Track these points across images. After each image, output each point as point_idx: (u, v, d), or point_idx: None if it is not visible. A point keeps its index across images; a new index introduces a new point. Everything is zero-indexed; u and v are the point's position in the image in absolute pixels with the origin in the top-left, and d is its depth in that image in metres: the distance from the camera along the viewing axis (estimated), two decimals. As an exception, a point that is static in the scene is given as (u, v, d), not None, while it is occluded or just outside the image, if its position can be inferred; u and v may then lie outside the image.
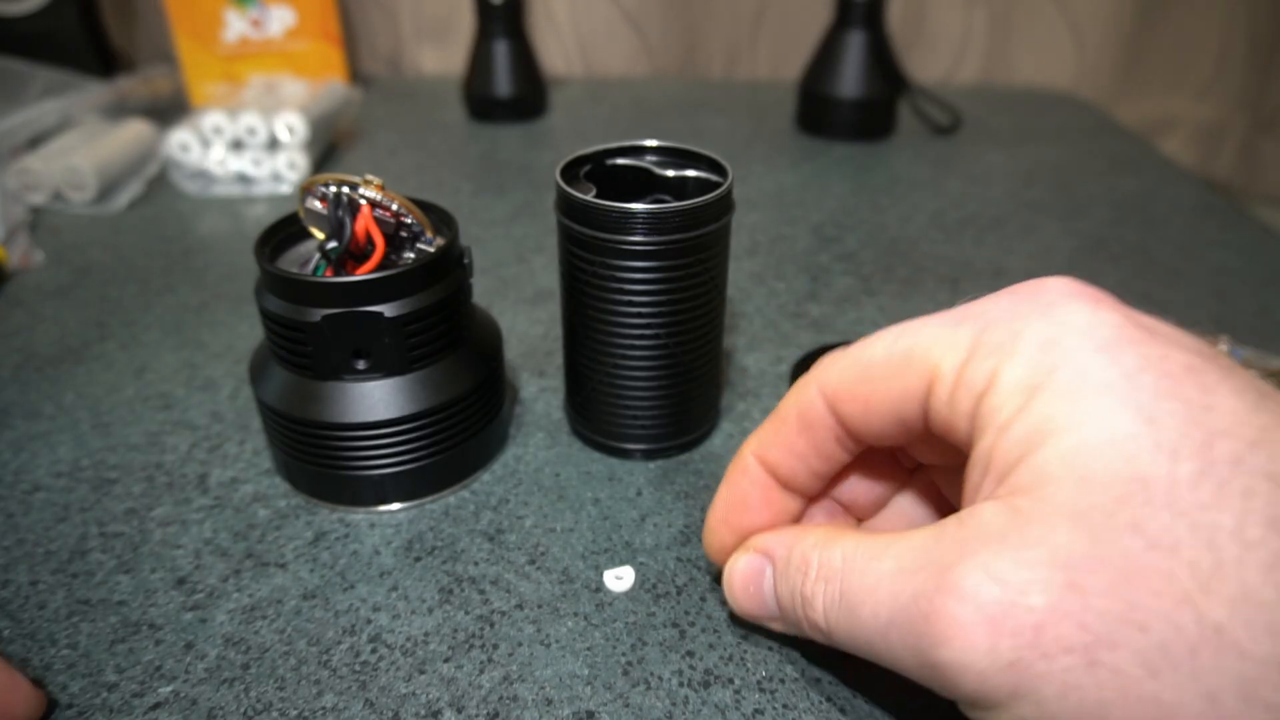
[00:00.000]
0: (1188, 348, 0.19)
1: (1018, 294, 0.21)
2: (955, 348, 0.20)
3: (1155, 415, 0.17)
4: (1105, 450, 0.17)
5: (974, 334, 0.20)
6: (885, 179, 0.65)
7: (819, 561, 0.23)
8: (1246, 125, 0.89)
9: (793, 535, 0.25)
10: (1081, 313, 0.19)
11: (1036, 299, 0.20)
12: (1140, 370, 0.18)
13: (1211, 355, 0.19)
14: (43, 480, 0.35)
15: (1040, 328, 0.19)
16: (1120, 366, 0.18)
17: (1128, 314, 0.20)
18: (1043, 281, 0.21)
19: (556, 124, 0.78)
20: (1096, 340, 0.19)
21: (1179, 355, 0.18)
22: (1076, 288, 0.20)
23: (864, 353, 0.23)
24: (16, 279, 0.51)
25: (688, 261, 0.31)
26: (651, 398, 0.34)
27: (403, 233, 0.32)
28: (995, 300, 0.21)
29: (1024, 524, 0.18)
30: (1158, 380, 0.18)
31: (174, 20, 0.74)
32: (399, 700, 0.26)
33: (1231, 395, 0.18)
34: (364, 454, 0.32)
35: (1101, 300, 0.20)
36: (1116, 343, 0.19)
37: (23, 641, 0.28)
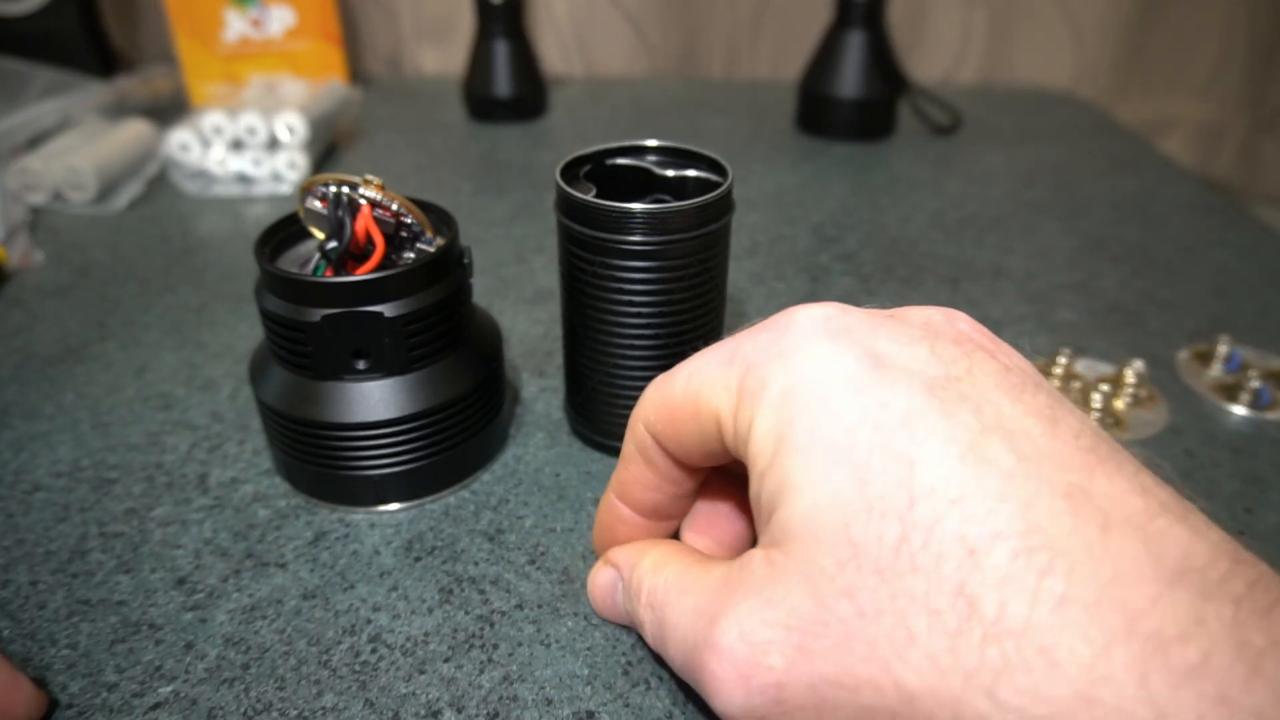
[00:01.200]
0: (916, 385, 0.19)
1: (772, 330, 0.21)
2: (728, 391, 0.21)
3: (867, 475, 0.18)
4: (828, 512, 0.18)
5: (739, 377, 0.21)
6: (885, 179, 0.65)
7: (647, 588, 0.24)
8: (1246, 125, 0.89)
9: (637, 552, 0.26)
10: (818, 357, 0.20)
11: (784, 338, 0.21)
12: (859, 423, 0.18)
13: (942, 386, 0.19)
14: (43, 480, 0.35)
15: (781, 375, 0.20)
16: (841, 421, 0.19)
17: (868, 347, 0.20)
18: (793, 314, 0.21)
19: (556, 124, 0.77)
20: (823, 391, 0.19)
21: (899, 401, 0.18)
22: (819, 322, 0.21)
23: (667, 390, 0.23)
24: (16, 279, 0.51)
25: (688, 261, 0.31)
26: (651, 398, 0.34)
27: (403, 233, 0.32)
28: (755, 336, 0.22)
29: (773, 581, 0.19)
30: (872, 434, 0.18)
31: (174, 20, 0.74)
32: (399, 700, 0.26)
33: (940, 445, 0.18)
34: (364, 454, 0.32)
35: (839, 337, 0.20)
36: (840, 392, 0.19)
37: (23, 641, 0.28)
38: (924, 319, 0.22)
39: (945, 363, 0.19)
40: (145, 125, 0.67)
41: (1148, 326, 0.46)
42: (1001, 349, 0.21)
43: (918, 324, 0.21)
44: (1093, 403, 0.38)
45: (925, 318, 0.22)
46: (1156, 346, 0.44)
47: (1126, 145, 0.72)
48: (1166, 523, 0.17)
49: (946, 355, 0.20)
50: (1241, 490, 0.34)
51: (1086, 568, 0.16)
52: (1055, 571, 0.16)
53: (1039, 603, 0.16)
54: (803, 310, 0.21)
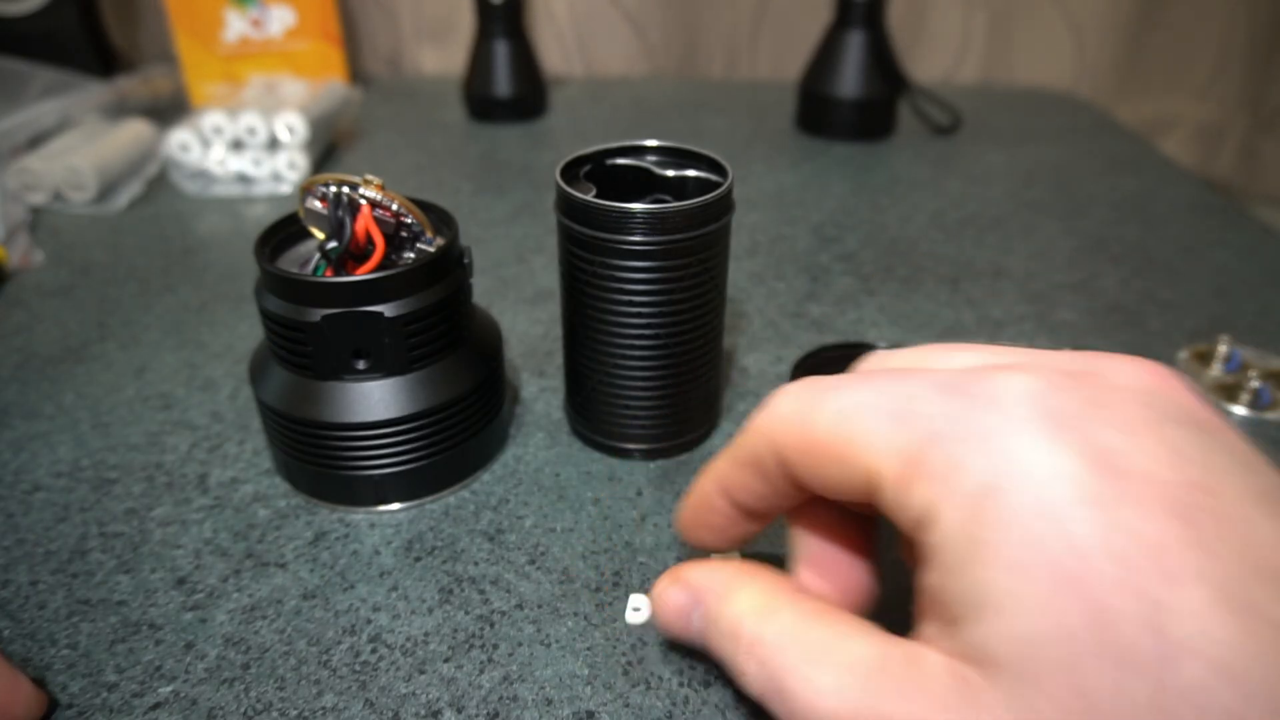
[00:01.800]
0: (1163, 503, 0.16)
1: (964, 396, 0.18)
2: (893, 455, 0.18)
3: (1106, 615, 0.15)
4: (1052, 649, 0.15)
5: (914, 445, 0.18)
6: (885, 179, 0.65)
7: (750, 636, 0.21)
8: (1246, 125, 0.89)
9: (725, 583, 0.23)
10: (1033, 451, 0.17)
11: (983, 413, 0.18)
12: (1097, 550, 0.15)
13: (1194, 504, 0.16)
14: (43, 480, 0.35)
15: (982, 463, 0.17)
16: (1072, 543, 0.16)
17: (1093, 441, 0.17)
18: (992, 381, 0.18)
19: (556, 124, 0.77)
20: (1049, 498, 0.16)
21: (1148, 526, 0.15)
22: (1031, 400, 0.17)
23: (809, 416, 0.20)
24: (16, 279, 0.51)
25: (688, 261, 0.31)
26: (651, 398, 0.34)
27: (403, 233, 0.32)
28: (938, 396, 0.18)
29: (972, 707, 0.16)
30: (1114, 567, 0.15)
31: (174, 20, 0.74)
32: (399, 700, 0.26)
33: (1203, 590, 0.15)
34: (364, 454, 0.32)
35: (1060, 425, 0.17)
36: (1072, 504, 0.16)
37: (23, 641, 0.28)
38: (1137, 387, 0.18)
39: (1186, 463, 0.16)
40: (145, 125, 0.67)
41: (1148, 326, 0.46)
42: (1223, 422, 0.18)
43: (1137, 399, 0.18)
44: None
45: (1137, 384, 0.18)
46: (1156, 346, 0.44)
47: (1126, 145, 0.72)
48: None
49: (1185, 451, 0.16)
50: (1241, 490, 0.34)
51: None
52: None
53: None
54: (1004, 379, 0.18)
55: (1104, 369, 0.19)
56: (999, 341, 0.44)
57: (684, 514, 0.26)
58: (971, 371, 0.19)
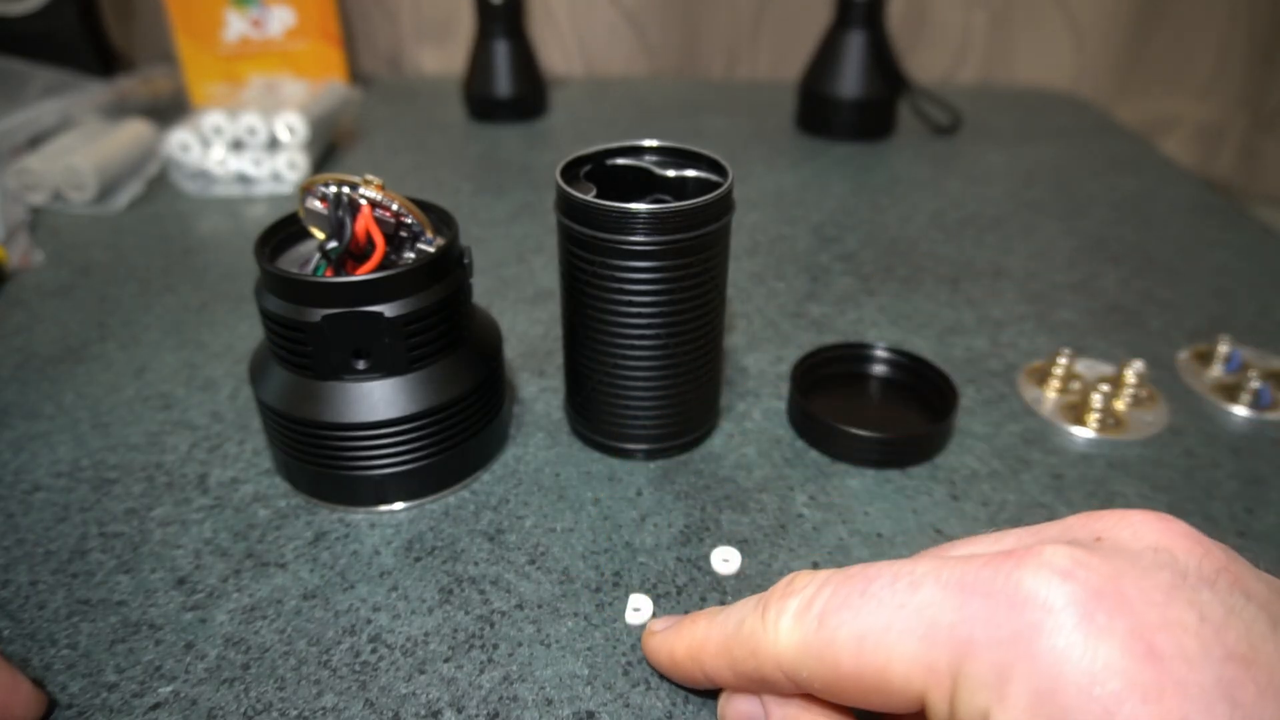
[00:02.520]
0: (1208, 690, 0.16)
1: (992, 600, 0.18)
2: (932, 671, 0.18)
3: None
4: None
5: (953, 662, 0.18)
6: (885, 179, 0.65)
7: None
8: (1246, 125, 0.89)
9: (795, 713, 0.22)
10: (1076, 651, 0.16)
11: (1019, 615, 0.17)
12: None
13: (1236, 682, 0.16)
14: (43, 480, 0.35)
15: (1029, 673, 0.17)
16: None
17: (1131, 634, 0.16)
18: (1020, 582, 0.18)
19: (556, 124, 0.77)
20: (1102, 699, 0.16)
21: (1197, 715, 0.16)
22: (1064, 596, 0.17)
23: (828, 655, 0.20)
24: (16, 279, 0.51)
25: (688, 261, 0.31)
26: (651, 398, 0.34)
27: (403, 233, 0.32)
28: (966, 608, 0.18)
29: None
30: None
31: (174, 20, 0.74)
32: (399, 700, 0.26)
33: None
34: (364, 454, 0.32)
35: (1095, 619, 0.17)
36: (1123, 701, 0.16)
37: (23, 641, 0.28)
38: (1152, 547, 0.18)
39: (1218, 632, 0.16)
40: (145, 125, 0.67)
41: (1148, 326, 0.46)
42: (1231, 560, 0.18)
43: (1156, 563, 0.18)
44: (1093, 403, 0.38)
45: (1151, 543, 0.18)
46: (1156, 346, 0.44)
47: (1126, 145, 0.72)
48: None
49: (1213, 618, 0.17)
50: (1241, 490, 0.34)
51: None
52: None
53: None
54: (1028, 575, 0.18)
55: (1113, 533, 0.19)
56: (999, 341, 0.44)
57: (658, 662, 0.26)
58: (986, 565, 0.18)
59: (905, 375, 0.40)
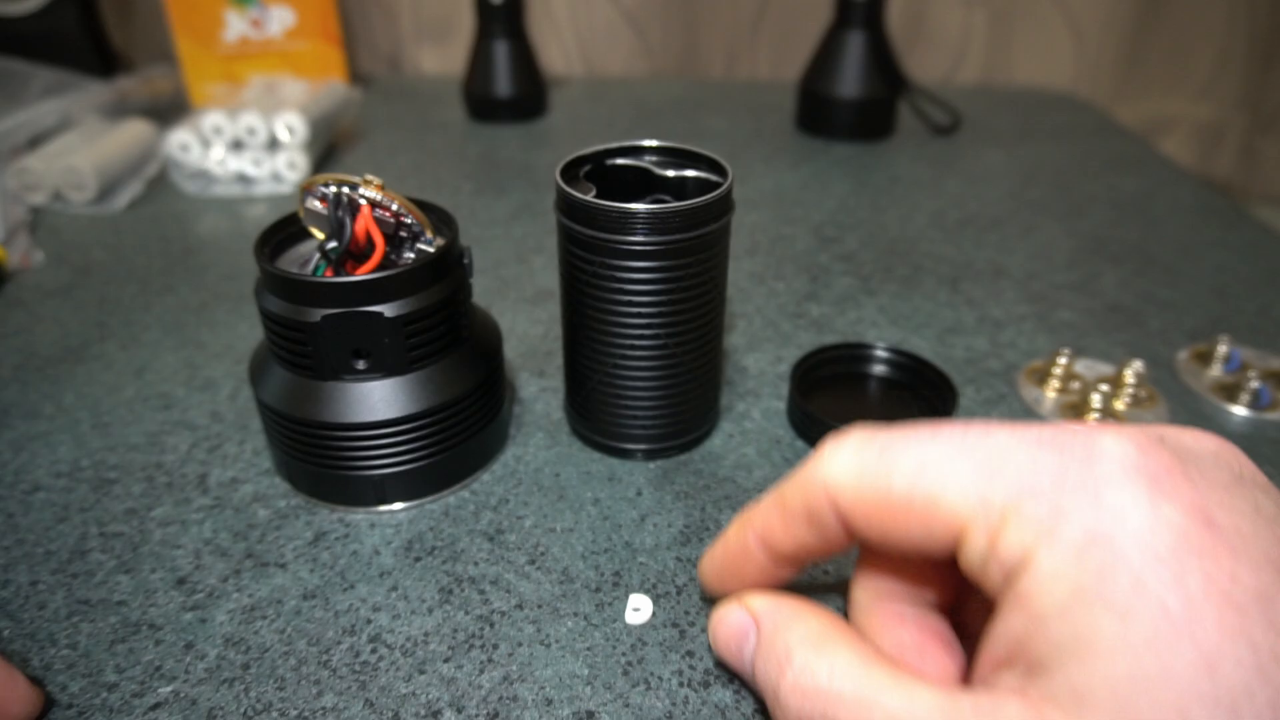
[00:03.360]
0: (1261, 557, 0.16)
1: (1064, 451, 0.18)
2: (986, 505, 0.18)
3: (1217, 660, 0.15)
4: (1157, 691, 0.15)
5: (1010, 496, 0.18)
6: (885, 179, 0.65)
7: (800, 664, 0.21)
8: (1246, 125, 0.89)
9: (785, 613, 0.23)
10: (1139, 503, 0.17)
11: (1088, 467, 0.18)
12: (1204, 596, 0.16)
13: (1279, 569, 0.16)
14: (43, 480, 0.35)
15: (1088, 514, 0.17)
16: (1182, 589, 0.16)
17: (1194, 500, 0.17)
18: (1095, 438, 0.18)
19: (556, 124, 0.77)
20: (1156, 548, 0.16)
21: (1248, 575, 0.16)
22: (1136, 458, 0.18)
23: (879, 475, 0.20)
24: (16, 279, 0.51)
25: (688, 261, 0.31)
26: (651, 398, 0.34)
27: (403, 233, 0.32)
28: (1035, 449, 0.18)
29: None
30: (1222, 613, 0.16)
31: (174, 20, 0.74)
32: (399, 700, 0.26)
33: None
34: (364, 454, 0.32)
35: (1162, 482, 0.17)
36: (1179, 554, 0.16)
37: (23, 641, 0.28)
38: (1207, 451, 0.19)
39: (1271, 521, 0.17)
40: (145, 125, 0.67)
41: (1148, 326, 0.46)
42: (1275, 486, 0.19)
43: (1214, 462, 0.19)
44: (1092, 403, 0.38)
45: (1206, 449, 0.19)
46: (1156, 346, 0.44)
47: (1126, 145, 0.72)
48: None
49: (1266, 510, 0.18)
50: (1241, 490, 0.34)
51: None
52: None
53: None
54: (1106, 437, 0.18)
55: (1175, 436, 0.19)
56: (998, 341, 0.44)
57: (712, 563, 0.26)
58: (1063, 429, 0.19)
59: (905, 375, 0.40)
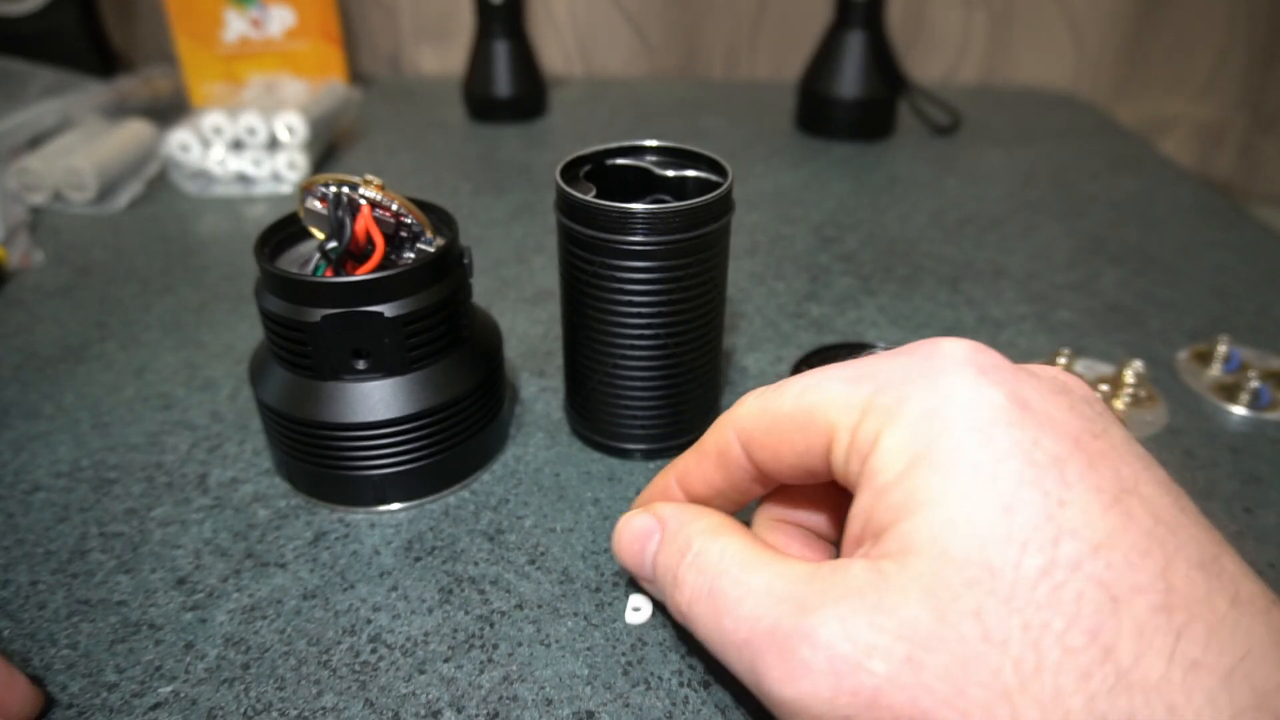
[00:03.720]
0: (1063, 432, 0.19)
1: (913, 354, 0.21)
2: (850, 408, 0.21)
3: (1014, 504, 0.18)
4: (964, 531, 0.18)
5: (868, 395, 0.21)
6: (885, 179, 0.65)
7: (698, 549, 0.23)
8: (1246, 125, 0.89)
9: (689, 513, 0.25)
10: (966, 386, 0.20)
11: (929, 362, 0.21)
12: (1009, 455, 0.18)
13: (1085, 440, 0.19)
14: (43, 480, 0.35)
15: (925, 397, 0.20)
16: (991, 449, 0.19)
17: (1014, 388, 0.20)
18: (938, 343, 0.21)
19: (556, 124, 0.77)
20: (975, 418, 0.19)
21: (1049, 443, 0.19)
22: (969, 354, 0.21)
23: (773, 401, 0.23)
24: (16, 279, 0.51)
25: (688, 261, 0.31)
26: (651, 398, 0.34)
27: (403, 233, 0.32)
28: (891, 359, 0.22)
29: (884, 589, 0.19)
30: (1022, 468, 0.18)
31: (174, 20, 0.74)
32: (399, 700, 0.26)
33: (1089, 493, 0.18)
34: (364, 454, 0.32)
35: (989, 372, 0.20)
36: (992, 423, 0.19)
37: (23, 641, 0.28)
38: (1052, 375, 0.22)
39: (1084, 419, 0.20)
40: (145, 125, 0.67)
41: (1147, 326, 0.46)
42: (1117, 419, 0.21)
43: (1052, 380, 0.21)
44: (1092, 403, 0.38)
45: (1053, 375, 0.22)
46: (1156, 346, 0.44)
47: (1126, 145, 0.72)
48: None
49: (1082, 411, 0.20)
50: (1241, 490, 0.34)
51: (1220, 638, 0.16)
52: (1191, 636, 0.16)
53: (1174, 663, 0.16)
54: (947, 340, 0.21)
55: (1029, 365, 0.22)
56: (998, 341, 0.44)
57: (636, 503, 0.28)
58: (918, 342, 0.22)
59: None
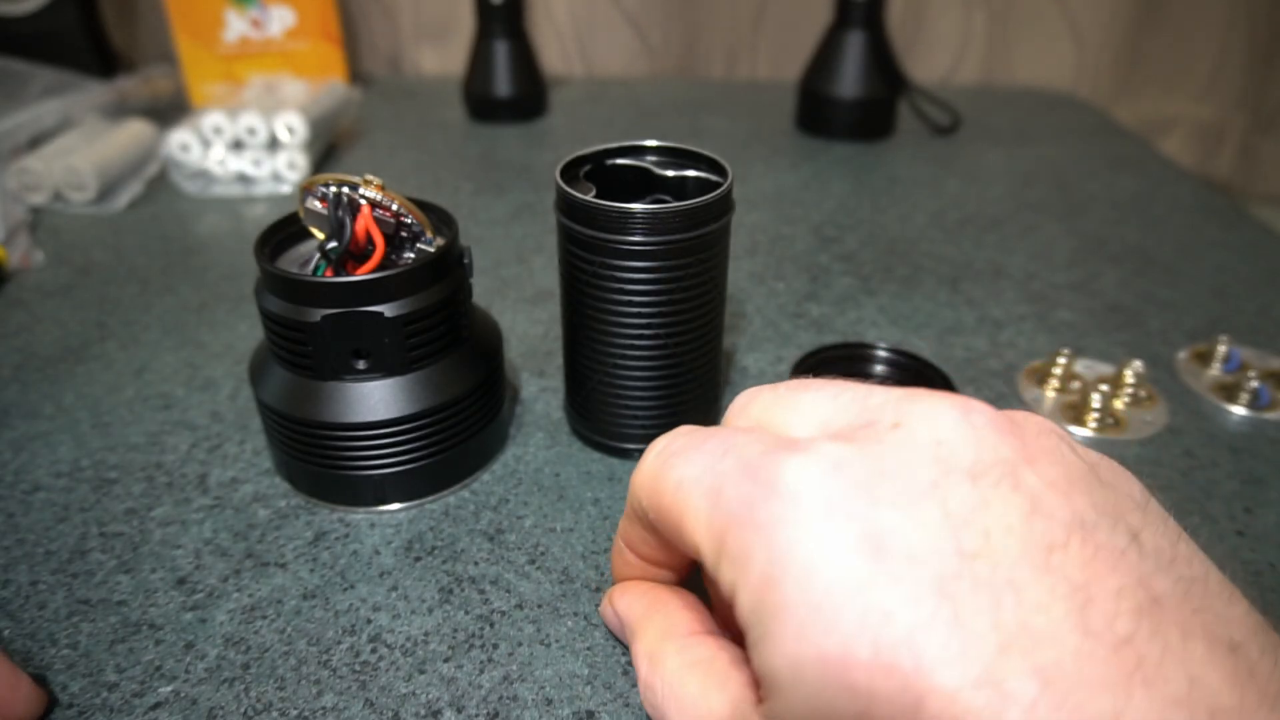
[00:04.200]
0: (921, 589, 0.16)
1: (759, 485, 0.19)
2: (708, 536, 0.20)
3: (871, 700, 0.16)
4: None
5: (719, 528, 0.19)
6: (885, 179, 0.65)
7: (644, 679, 0.24)
8: (1246, 125, 0.89)
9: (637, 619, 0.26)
10: (806, 540, 0.17)
11: (767, 502, 0.18)
12: (856, 640, 0.16)
13: (950, 581, 0.16)
14: (43, 480, 0.35)
15: (763, 554, 0.18)
16: (837, 634, 0.16)
17: (867, 526, 0.17)
18: (779, 466, 0.19)
19: (556, 124, 0.77)
20: (815, 589, 0.17)
21: (904, 612, 0.16)
22: (811, 486, 0.18)
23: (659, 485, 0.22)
24: (16, 279, 0.51)
25: (688, 261, 0.31)
26: (651, 398, 0.34)
27: (403, 233, 0.32)
28: (742, 481, 0.19)
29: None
30: (873, 656, 0.16)
31: (174, 20, 0.74)
32: (399, 700, 0.26)
33: (955, 671, 0.16)
34: (364, 454, 0.32)
35: (835, 510, 0.18)
36: (836, 594, 0.17)
37: (23, 641, 0.28)
38: (932, 439, 0.19)
39: (957, 530, 0.17)
40: (145, 125, 0.67)
41: (1147, 326, 0.46)
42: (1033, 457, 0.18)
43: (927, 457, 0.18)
44: (1092, 403, 0.38)
45: (934, 436, 0.19)
46: (1156, 346, 0.44)
47: (1126, 145, 0.72)
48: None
49: (960, 514, 0.17)
50: (1240, 490, 0.34)
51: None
52: None
53: None
54: (789, 465, 0.19)
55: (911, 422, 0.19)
56: (998, 341, 0.44)
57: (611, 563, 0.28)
58: (766, 453, 0.19)
59: (905, 375, 0.40)
